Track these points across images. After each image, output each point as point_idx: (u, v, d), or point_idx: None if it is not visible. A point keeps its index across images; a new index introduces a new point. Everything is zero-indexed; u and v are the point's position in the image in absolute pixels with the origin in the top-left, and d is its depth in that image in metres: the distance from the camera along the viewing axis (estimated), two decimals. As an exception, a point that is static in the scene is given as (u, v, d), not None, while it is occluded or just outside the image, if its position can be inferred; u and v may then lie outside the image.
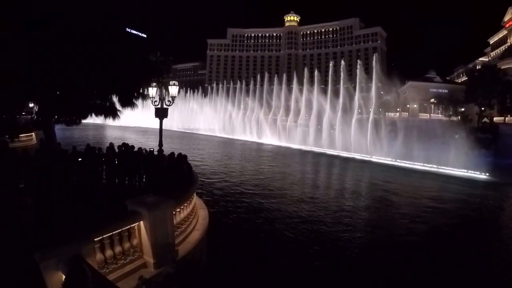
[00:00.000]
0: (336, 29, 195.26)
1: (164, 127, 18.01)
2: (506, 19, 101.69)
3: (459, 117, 77.21)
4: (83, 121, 19.50)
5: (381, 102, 79.63)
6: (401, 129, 58.98)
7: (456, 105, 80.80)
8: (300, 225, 21.12)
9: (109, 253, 8.37)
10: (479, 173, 41.91)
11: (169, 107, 17.25)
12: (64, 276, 5.74)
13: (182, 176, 14.30)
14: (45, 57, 11.91)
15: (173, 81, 17.52)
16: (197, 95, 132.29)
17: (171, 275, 7.70)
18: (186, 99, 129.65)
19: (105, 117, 18.41)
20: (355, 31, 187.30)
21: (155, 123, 19.85)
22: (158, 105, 16.94)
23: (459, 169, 43.53)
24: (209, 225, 14.16)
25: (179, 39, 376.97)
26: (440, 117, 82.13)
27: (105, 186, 15.47)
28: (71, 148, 16.84)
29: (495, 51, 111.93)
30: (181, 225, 11.85)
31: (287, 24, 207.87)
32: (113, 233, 8.50)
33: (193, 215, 13.49)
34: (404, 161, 50.02)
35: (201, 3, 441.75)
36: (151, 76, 18.48)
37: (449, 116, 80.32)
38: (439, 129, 55.09)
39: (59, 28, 12.46)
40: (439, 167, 45.30)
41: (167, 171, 14.80)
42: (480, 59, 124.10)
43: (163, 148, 17.46)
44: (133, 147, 16.94)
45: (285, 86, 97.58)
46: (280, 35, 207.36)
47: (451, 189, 33.95)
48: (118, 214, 9.53)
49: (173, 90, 17.15)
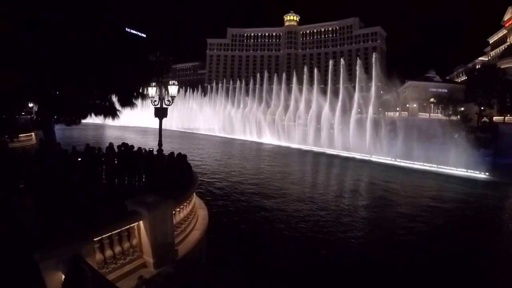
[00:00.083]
0: (335, 28, 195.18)
1: (163, 126, 18.00)
2: (505, 18, 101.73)
3: (459, 117, 77.27)
4: (83, 121, 19.51)
5: (381, 101, 79.65)
6: (401, 129, 58.97)
7: (455, 104, 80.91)
8: (299, 224, 21.14)
9: (108, 253, 8.37)
10: (478, 172, 41.94)
11: (169, 106, 17.25)
12: (63, 276, 5.75)
13: (181, 175, 14.30)
14: (45, 57, 11.90)
15: (173, 81, 17.49)
16: (196, 95, 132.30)
17: (170, 275, 7.72)
18: (185, 99, 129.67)
19: (104, 117, 18.42)
20: (355, 30, 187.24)
21: (154, 123, 19.84)
22: (157, 104, 16.94)
23: (458, 169, 43.57)
24: (209, 225, 14.18)
25: (179, 39, 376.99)
26: (439, 116, 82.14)
27: (104, 186, 15.46)
28: (71, 148, 16.82)
29: (495, 51, 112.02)
30: (181, 225, 11.85)
31: (287, 23, 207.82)
32: (113, 233, 8.50)
33: (193, 215, 13.50)
34: (403, 161, 50.04)
35: (201, 3, 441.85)
36: (150, 75, 18.44)
37: (449, 115, 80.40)
38: (438, 129, 55.10)
39: (59, 28, 12.46)
40: (439, 166, 45.31)
41: (167, 171, 14.79)
42: (479, 58, 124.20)
43: (163, 148, 17.46)
44: (132, 147, 16.93)
45: (284, 85, 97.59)
46: (279, 34, 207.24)
47: (450, 189, 33.98)
48: (117, 214, 9.51)
49: (173, 89, 17.13)
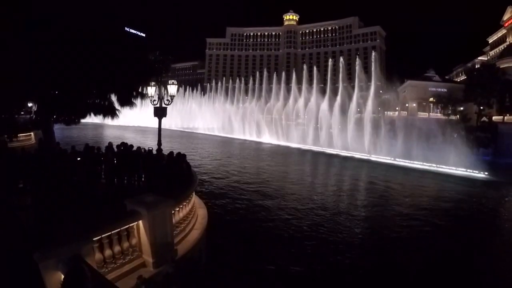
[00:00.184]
0: (335, 28, 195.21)
1: (163, 126, 18.02)
2: (505, 18, 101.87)
3: (458, 116, 77.36)
4: (82, 120, 19.57)
5: (380, 101, 79.70)
6: (400, 128, 58.99)
7: (455, 104, 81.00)
8: (299, 224, 21.15)
9: (108, 252, 8.39)
10: (478, 172, 41.93)
11: (168, 106, 17.28)
12: (63, 276, 5.77)
13: (181, 175, 14.32)
14: (45, 57, 11.93)
15: (172, 80, 17.52)
16: (196, 94, 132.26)
17: (170, 274, 7.77)
18: (185, 98, 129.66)
19: (104, 116, 18.49)
20: (354, 30, 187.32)
21: (154, 122, 19.85)
22: (157, 104, 16.97)
23: (458, 168, 43.61)
24: (208, 224, 14.20)
25: (179, 39, 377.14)
26: (439, 116, 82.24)
27: (104, 185, 15.50)
28: (70, 147, 16.81)
29: (494, 50, 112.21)
30: (180, 224, 11.87)
31: (286, 23, 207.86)
32: (112, 232, 8.52)
33: (192, 214, 13.53)
34: (403, 160, 50.09)
35: (201, 3, 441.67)
36: (150, 75, 18.50)
37: (448, 115, 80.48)
38: (438, 128, 55.15)
39: (59, 28, 12.48)
40: (438, 166, 45.35)
41: (166, 171, 14.82)
42: (479, 58, 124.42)
43: (162, 147, 17.47)
44: (132, 146, 16.93)
45: (284, 85, 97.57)
46: (279, 34, 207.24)
47: (450, 188, 34.01)
48: (117, 213, 9.53)
49: (172, 89, 17.16)
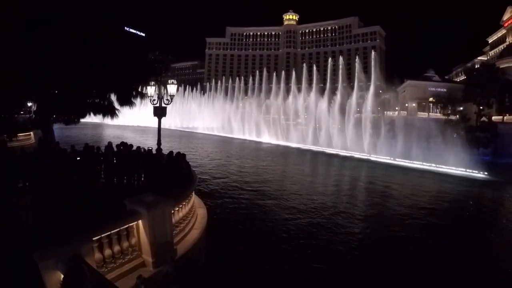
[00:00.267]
0: (335, 28, 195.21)
1: (162, 126, 18.02)
2: (505, 18, 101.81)
3: (458, 116, 77.32)
4: (82, 120, 19.56)
5: (380, 100, 79.71)
6: (400, 128, 59.03)
7: (454, 104, 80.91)
8: (299, 224, 21.15)
9: (107, 252, 8.39)
10: (477, 172, 41.97)
11: (168, 106, 17.28)
12: (62, 275, 5.78)
13: (180, 174, 14.33)
14: (45, 57, 11.92)
15: (172, 80, 17.51)
16: (195, 94, 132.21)
17: (169, 274, 7.77)
18: (184, 98, 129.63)
19: (103, 116, 18.48)
20: (354, 30, 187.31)
21: (153, 122, 19.85)
22: (156, 103, 16.97)
23: (457, 168, 43.66)
24: (208, 224, 14.21)
25: (179, 38, 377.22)
26: (438, 116, 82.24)
27: (103, 185, 15.50)
28: (70, 147, 16.81)
29: (494, 50, 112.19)
30: (180, 224, 11.87)
31: (286, 23, 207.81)
32: (112, 232, 8.52)
33: (192, 214, 13.53)
34: (402, 160, 50.14)
35: (201, 3, 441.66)
36: (149, 75, 18.50)
37: (448, 115, 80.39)
38: (437, 128, 55.18)
39: (59, 28, 12.48)
40: (438, 165, 45.39)
41: (166, 170, 14.83)
42: (479, 58, 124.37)
43: (162, 147, 17.47)
44: (131, 146, 16.93)
45: (283, 84, 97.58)
46: (278, 33, 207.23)
47: (449, 188, 34.04)
48: (116, 213, 9.53)
49: (172, 88, 17.16)
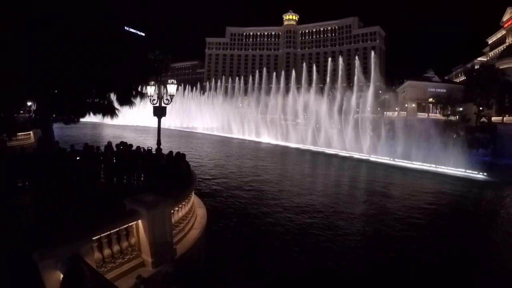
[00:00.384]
0: (335, 28, 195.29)
1: (162, 126, 18.02)
2: (504, 19, 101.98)
3: (457, 117, 77.42)
4: (81, 119, 19.55)
5: (380, 101, 79.76)
6: (399, 129, 59.06)
7: (454, 104, 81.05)
8: (299, 224, 21.14)
9: (107, 252, 8.40)
10: (477, 172, 41.96)
11: (167, 105, 17.29)
12: (62, 275, 5.79)
13: (180, 174, 14.34)
14: (45, 57, 11.92)
15: (172, 80, 17.52)
16: (195, 93, 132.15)
17: (169, 273, 7.78)
18: (184, 98, 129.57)
19: (103, 115, 18.47)
20: (354, 30, 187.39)
21: (153, 122, 19.84)
22: (156, 103, 16.98)
23: (457, 169, 43.67)
24: (207, 224, 14.22)
25: (179, 38, 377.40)
26: (438, 116, 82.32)
27: (103, 185, 15.50)
28: (69, 146, 16.80)
29: (494, 51, 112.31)
30: (180, 224, 11.89)
31: (286, 23, 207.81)
32: (111, 232, 8.53)
33: (192, 214, 13.54)
34: (402, 160, 50.15)
35: (201, 3, 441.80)
36: (149, 74, 18.52)
37: (447, 115, 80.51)
38: (437, 129, 55.19)
39: (59, 28, 12.48)
40: (437, 166, 45.40)
41: (166, 170, 14.83)
42: (478, 59, 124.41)
43: (162, 147, 17.46)
44: (131, 145, 16.93)
45: (283, 84, 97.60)
46: (278, 34, 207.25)
47: (449, 189, 34.03)
48: (116, 213, 9.54)
49: (172, 88, 17.16)
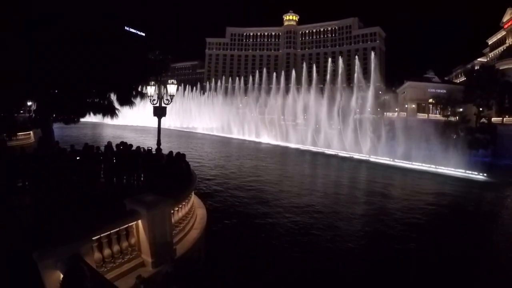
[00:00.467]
0: (335, 28, 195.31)
1: (162, 126, 18.02)
2: (504, 19, 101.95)
3: (457, 118, 77.35)
4: (81, 119, 19.54)
5: (380, 101, 79.76)
6: (399, 129, 59.07)
7: (454, 105, 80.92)
8: (299, 224, 21.16)
9: (107, 252, 8.38)
10: (476, 173, 42.02)
11: (167, 105, 17.29)
12: (62, 275, 5.78)
13: (180, 174, 14.33)
14: (45, 57, 11.92)
15: (172, 80, 17.51)
16: (195, 94, 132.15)
17: (169, 274, 7.76)
18: (184, 98, 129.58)
19: (103, 115, 18.47)
20: (354, 31, 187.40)
21: (153, 122, 19.85)
22: (156, 103, 16.98)
23: (457, 169, 43.69)
24: (207, 224, 14.22)
25: (179, 38, 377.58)
26: (438, 117, 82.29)
27: (103, 185, 15.49)
28: (69, 146, 16.79)
29: (494, 52, 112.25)
30: (180, 224, 11.88)
31: (286, 23, 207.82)
32: (111, 232, 8.51)
33: (191, 214, 13.53)
34: (402, 161, 50.17)
35: (201, 3, 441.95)
36: (149, 74, 18.51)
37: (447, 116, 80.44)
38: (437, 129, 55.20)
39: (59, 28, 12.48)
40: (437, 167, 45.42)
41: (166, 170, 14.83)
42: (478, 59, 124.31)
43: (161, 147, 17.46)
44: (131, 145, 16.93)
45: (283, 85, 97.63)
46: (279, 34, 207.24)
47: (449, 189, 34.06)
48: (116, 213, 9.52)
49: (172, 88, 17.16)
